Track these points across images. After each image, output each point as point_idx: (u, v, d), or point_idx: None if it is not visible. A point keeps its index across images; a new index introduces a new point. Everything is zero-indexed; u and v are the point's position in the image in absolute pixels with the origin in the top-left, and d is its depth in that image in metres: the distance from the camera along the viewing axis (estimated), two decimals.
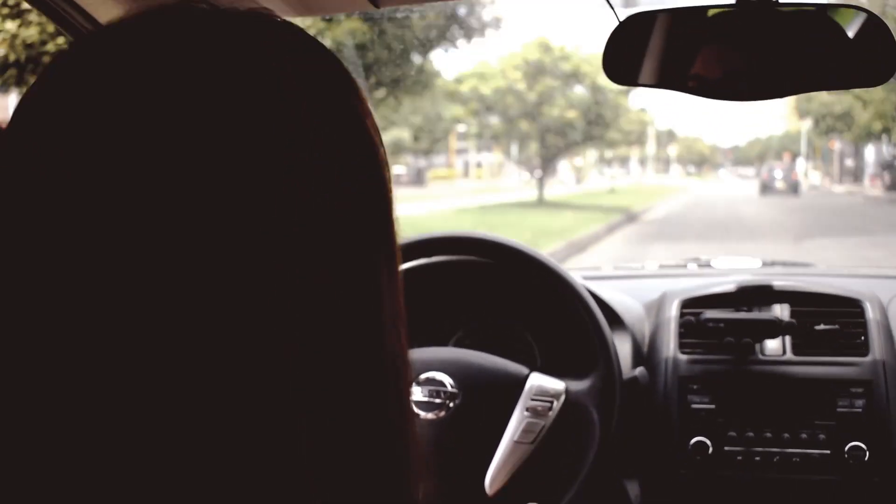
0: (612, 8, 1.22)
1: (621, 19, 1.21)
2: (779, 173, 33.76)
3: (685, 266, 2.08)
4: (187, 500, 0.38)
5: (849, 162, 40.32)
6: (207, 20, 0.44)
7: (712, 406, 1.45)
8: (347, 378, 0.44)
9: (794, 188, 31.66)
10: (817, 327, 1.47)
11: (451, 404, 1.30)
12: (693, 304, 1.53)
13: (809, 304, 1.51)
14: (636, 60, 1.23)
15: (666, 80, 1.23)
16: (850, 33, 1.16)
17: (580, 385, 1.32)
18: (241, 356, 0.39)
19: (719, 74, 1.22)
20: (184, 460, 0.38)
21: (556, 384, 1.31)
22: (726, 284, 1.55)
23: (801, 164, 53.60)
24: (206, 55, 0.42)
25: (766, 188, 32.24)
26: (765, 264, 2.05)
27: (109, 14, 1.10)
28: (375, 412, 0.45)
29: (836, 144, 38.43)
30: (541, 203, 22.06)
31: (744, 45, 1.20)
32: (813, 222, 17.20)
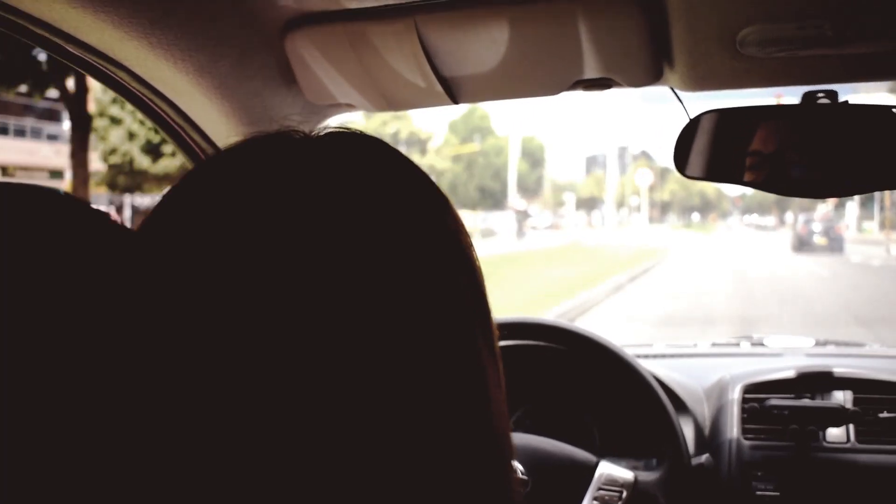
0: (683, 105, 1.26)
1: (691, 116, 1.26)
2: (817, 226, 28.06)
3: (738, 345, 2.09)
4: None
5: None
6: (309, 146, 0.48)
7: (777, 493, 1.45)
8: (460, 455, 0.46)
9: (837, 245, 26.59)
10: (881, 415, 1.47)
11: (522, 491, 1.31)
12: (755, 390, 1.55)
13: (873, 391, 1.51)
14: (705, 155, 1.27)
15: (734, 175, 1.27)
16: None
17: (650, 475, 1.34)
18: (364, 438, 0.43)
19: (788, 171, 1.25)
20: None
21: (625, 474, 1.32)
22: (788, 370, 1.56)
23: (853, 211, 43.53)
24: (308, 179, 0.46)
25: (803, 244, 27.14)
26: (818, 343, 2.05)
27: (204, 113, 1.16)
28: (484, 488, 0.48)
29: None
30: None
31: (811, 141, 1.23)
32: None
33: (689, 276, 18.48)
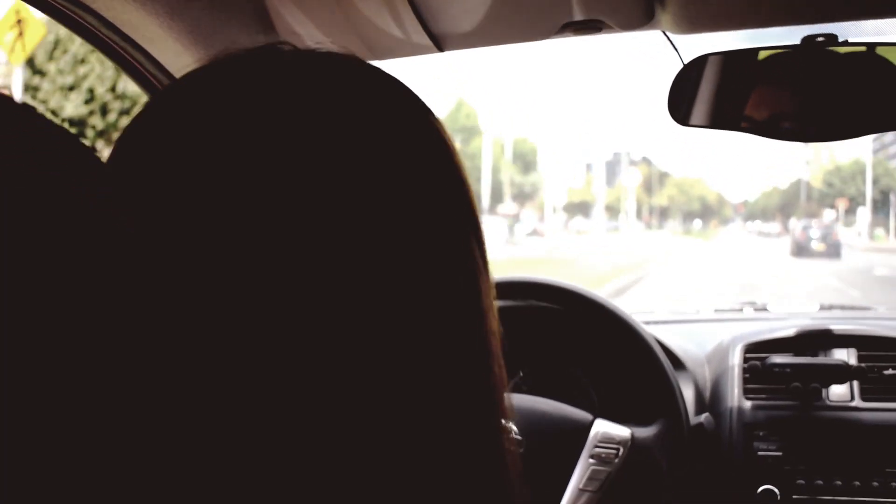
0: (677, 50, 1.22)
1: (685, 62, 1.21)
2: (815, 232, 29.19)
3: (741, 310, 2.05)
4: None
5: None
6: (293, 60, 0.46)
7: (779, 453, 1.41)
8: (455, 375, 0.45)
9: (834, 251, 27.57)
10: (886, 372, 1.43)
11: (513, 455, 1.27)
12: (756, 349, 1.51)
13: (876, 349, 1.47)
14: (701, 102, 1.23)
15: (732, 121, 1.22)
16: None
17: (646, 431, 1.30)
18: (355, 356, 0.41)
19: (787, 116, 1.21)
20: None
21: (621, 431, 1.29)
22: (789, 329, 1.52)
23: (865, 215, 41.04)
24: (296, 92, 0.44)
25: (802, 249, 28.16)
26: (822, 308, 2.01)
27: (178, 61, 1.12)
28: (477, 399, 0.46)
29: None
30: None
31: (811, 85, 1.19)
32: None
33: (675, 296, 14.30)
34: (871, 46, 1.17)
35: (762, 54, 1.20)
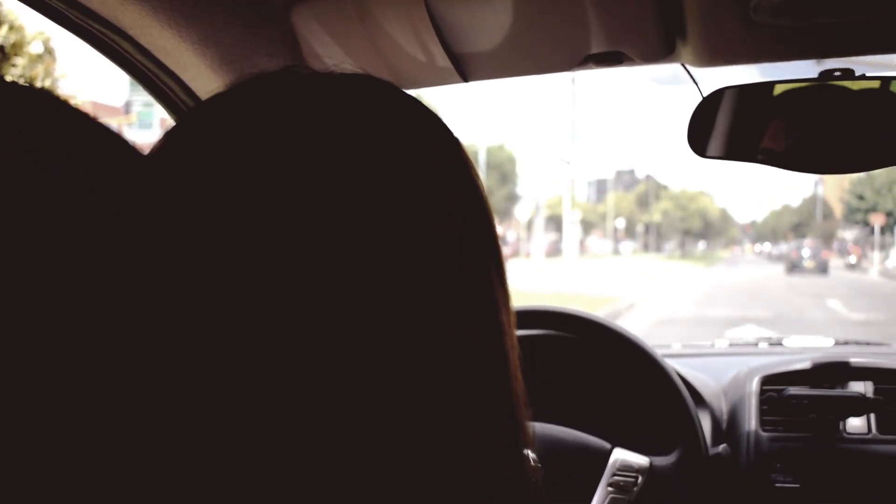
0: (696, 83, 1.24)
1: (705, 94, 1.23)
2: (806, 251, 34.57)
3: (756, 345, 2.05)
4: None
5: None
6: (315, 83, 0.46)
7: (797, 485, 1.40)
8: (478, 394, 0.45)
9: (822, 268, 32.34)
10: None
11: (533, 480, 1.27)
12: (773, 381, 1.51)
13: (893, 382, 1.47)
14: (721, 134, 1.25)
15: (749, 153, 1.24)
16: None
17: (665, 460, 1.30)
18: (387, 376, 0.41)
19: (804, 147, 1.22)
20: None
21: (640, 459, 1.29)
22: (805, 361, 1.53)
23: None
24: (318, 115, 0.44)
25: (794, 267, 33.35)
26: (837, 343, 2.01)
27: (209, 88, 1.14)
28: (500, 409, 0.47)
29: None
30: None
31: (828, 117, 1.21)
32: None
33: None
34: (888, 80, 1.19)
35: (779, 87, 1.22)
